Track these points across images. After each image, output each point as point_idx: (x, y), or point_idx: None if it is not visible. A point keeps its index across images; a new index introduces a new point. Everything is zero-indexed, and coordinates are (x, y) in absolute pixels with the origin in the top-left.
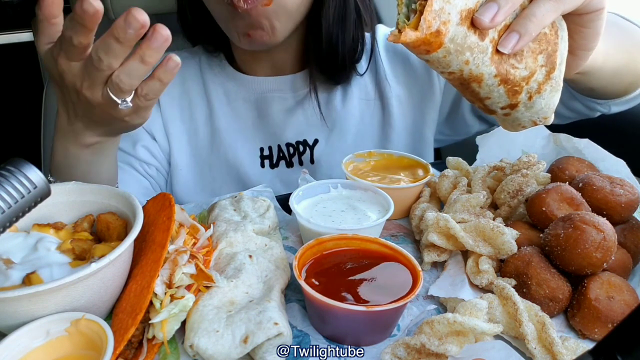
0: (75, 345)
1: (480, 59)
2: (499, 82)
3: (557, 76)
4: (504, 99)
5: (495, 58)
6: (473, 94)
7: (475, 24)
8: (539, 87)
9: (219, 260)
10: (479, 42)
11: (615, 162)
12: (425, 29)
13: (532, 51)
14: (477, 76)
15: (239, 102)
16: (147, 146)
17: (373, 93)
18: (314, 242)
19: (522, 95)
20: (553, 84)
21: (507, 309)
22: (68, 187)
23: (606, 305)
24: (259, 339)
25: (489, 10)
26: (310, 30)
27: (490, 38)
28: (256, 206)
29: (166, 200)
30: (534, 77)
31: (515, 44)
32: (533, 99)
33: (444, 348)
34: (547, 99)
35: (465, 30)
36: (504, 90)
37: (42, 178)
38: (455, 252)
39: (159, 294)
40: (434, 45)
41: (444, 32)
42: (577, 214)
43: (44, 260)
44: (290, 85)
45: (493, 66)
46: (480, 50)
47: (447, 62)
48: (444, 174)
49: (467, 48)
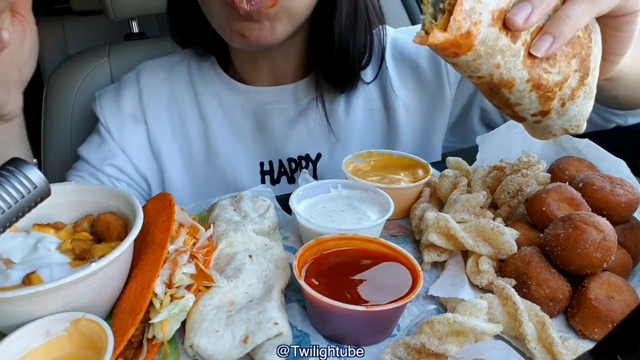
0: (75, 345)
1: (512, 62)
2: (531, 87)
3: (590, 82)
4: (536, 105)
5: (528, 62)
6: (502, 100)
7: (508, 25)
8: (572, 93)
9: (219, 260)
10: (511, 45)
11: (615, 162)
12: (454, 30)
13: (565, 55)
14: (508, 81)
15: (237, 113)
16: (115, 164)
17: (378, 102)
18: (314, 242)
19: (554, 102)
20: (587, 90)
21: (507, 309)
22: (68, 187)
23: (606, 305)
24: (259, 339)
25: (523, 10)
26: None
27: (523, 40)
28: (256, 206)
29: (166, 200)
30: (567, 83)
31: (549, 47)
32: (566, 106)
33: (444, 348)
34: (580, 106)
35: (497, 31)
36: (535, 97)
37: (42, 178)
38: (455, 252)
39: (159, 294)
40: (464, 47)
41: (474, 33)
42: (577, 214)
43: (44, 260)
44: (292, 95)
45: (525, 70)
46: (512, 54)
47: (477, 65)
48: (444, 174)
49: (498, 51)
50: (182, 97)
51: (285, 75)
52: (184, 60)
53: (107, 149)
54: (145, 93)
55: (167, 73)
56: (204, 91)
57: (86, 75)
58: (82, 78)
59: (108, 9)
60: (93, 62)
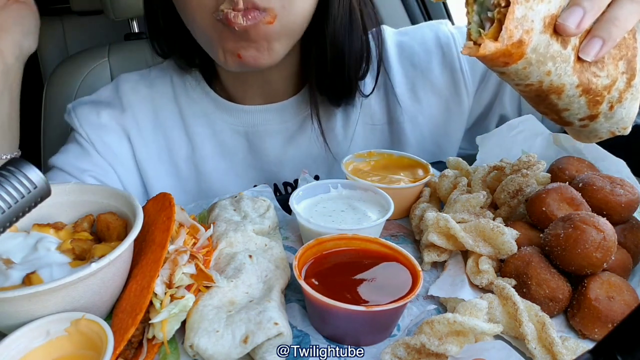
0: (75, 345)
1: (562, 68)
2: (581, 92)
3: (637, 83)
4: (584, 110)
5: (577, 67)
6: (549, 106)
7: (559, 31)
8: (620, 95)
9: (219, 260)
10: (562, 51)
11: (615, 162)
12: (506, 39)
13: (612, 57)
14: (558, 87)
15: (226, 134)
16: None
17: (380, 117)
18: (314, 242)
19: (603, 106)
20: (633, 91)
21: (507, 309)
22: (68, 187)
23: (606, 305)
24: (259, 339)
25: (574, 15)
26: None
27: (572, 45)
28: (256, 206)
29: (166, 200)
30: (616, 86)
31: (599, 50)
32: (614, 109)
33: (444, 348)
34: (628, 108)
35: (549, 38)
36: (584, 101)
37: (42, 178)
38: (455, 252)
39: (159, 294)
40: (515, 56)
41: (526, 41)
42: (577, 214)
43: (44, 260)
44: (285, 113)
45: (575, 76)
46: (563, 60)
47: (527, 73)
48: (444, 174)
49: (549, 58)
50: (166, 117)
51: (278, 90)
52: (165, 75)
53: (89, 161)
54: (127, 110)
55: (149, 89)
56: (190, 110)
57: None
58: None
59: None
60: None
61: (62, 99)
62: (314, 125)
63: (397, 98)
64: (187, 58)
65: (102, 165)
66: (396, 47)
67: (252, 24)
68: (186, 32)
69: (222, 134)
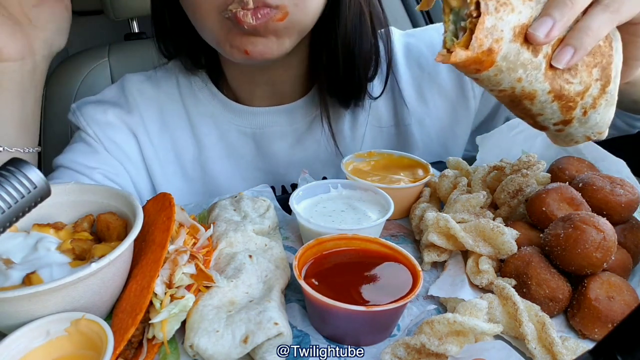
0: (75, 345)
1: (533, 75)
2: (553, 98)
3: (612, 89)
4: (558, 115)
5: (549, 74)
6: (524, 111)
7: (529, 40)
8: (593, 101)
9: (219, 260)
10: (533, 59)
11: (615, 162)
12: (476, 47)
13: (586, 65)
14: (530, 93)
15: (233, 135)
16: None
17: (388, 119)
18: (314, 242)
19: (576, 111)
20: (608, 97)
21: (507, 309)
22: (68, 187)
23: (606, 305)
24: (259, 339)
25: (544, 25)
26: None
27: (544, 53)
28: (256, 206)
29: (166, 200)
30: (589, 92)
31: (570, 58)
32: (588, 114)
33: (444, 348)
34: (602, 114)
35: (519, 46)
36: (557, 107)
37: (42, 178)
38: (455, 252)
39: (159, 294)
40: (486, 64)
41: (496, 50)
42: (577, 214)
43: (44, 260)
44: (293, 115)
45: (547, 82)
46: (534, 67)
47: (498, 80)
48: (444, 174)
49: (520, 65)
50: (173, 118)
51: (285, 91)
52: (171, 76)
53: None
54: (134, 110)
55: (155, 90)
56: (197, 111)
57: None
58: (82, 78)
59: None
60: (93, 62)
61: (62, 99)
62: (323, 127)
63: (405, 100)
64: (194, 58)
65: (112, 163)
66: (403, 49)
67: (262, 22)
68: (193, 32)
69: (229, 136)
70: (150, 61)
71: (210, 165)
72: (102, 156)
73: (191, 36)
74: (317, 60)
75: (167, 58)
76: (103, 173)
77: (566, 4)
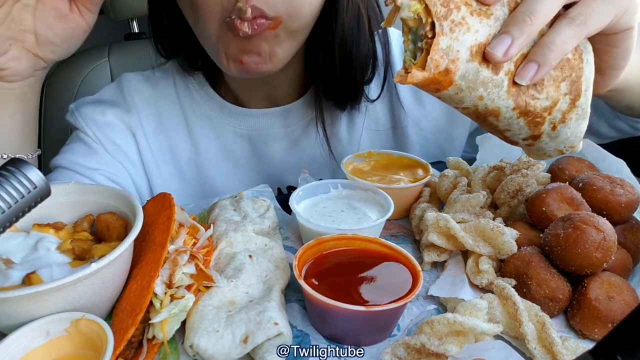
0: (75, 345)
1: (495, 93)
2: (518, 114)
3: (583, 103)
4: (525, 130)
5: (513, 90)
6: (491, 127)
7: (488, 59)
8: (563, 116)
9: (219, 260)
10: (493, 77)
11: (615, 162)
12: (432, 68)
13: (553, 79)
14: (494, 110)
15: (230, 137)
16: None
17: (385, 121)
18: (314, 242)
19: (544, 126)
20: (579, 112)
21: (507, 309)
22: (68, 187)
23: (606, 305)
24: (259, 339)
25: (502, 44)
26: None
27: (506, 70)
28: (256, 206)
29: (166, 200)
30: (557, 107)
31: (534, 75)
32: (557, 129)
33: (444, 348)
34: (573, 128)
35: (477, 65)
36: (524, 123)
37: (42, 178)
38: (455, 252)
39: (159, 294)
40: (444, 83)
41: (453, 70)
42: (577, 214)
43: (44, 260)
44: (289, 117)
45: (510, 99)
46: (495, 85)
47: (460, 98)
48: (444, 174)
49: (479, 84)
50: (169, 119)
51: (282, 93)
52: (169, 76)
53: (98, 160)
54: (132, 110)
55: (152, 90)
56: (194, 112)
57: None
58: (82, 78)
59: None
60: (93, 62)
61: (62, 99)
62: (318, 129)
63: (402, 102)
64: (191, 60)
65: (113, 164)
66: (400, 50)
67: (256, 32)
68: (190, 33)
69: (225, 137)
70: (150, 61)
71: (207, 166)
72: (102, 157)
73: (188, 37)
74: (314, 61)
75: (165, 58)
76: (104, 174)
77: (525, 21)
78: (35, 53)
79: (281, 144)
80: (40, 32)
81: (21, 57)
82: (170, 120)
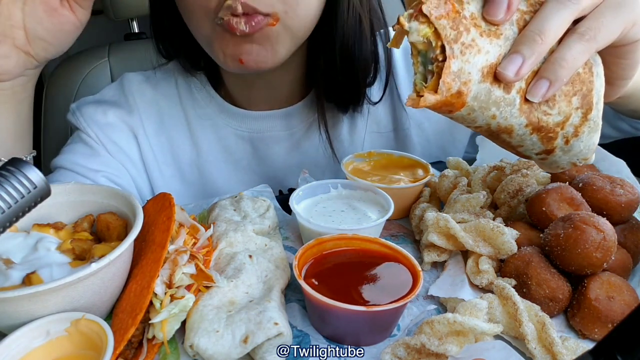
0: (75, 345)
1: (507, 111)
2: (531, 131)
3: (594, 116)
4: (538, 145)
5: (525, 107)
6: (504, 143)
7: (499, 79)
8: (575, 130)
9: (219, 260)
10: (505, 96)
11: (615, 162)
12: (445, 91)
13: (565, 94)
14: (507, 128)
15: (231, 139)
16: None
17: (386, 123)
18: (314, 242)
19: (557, 141)
20: (591, 124)
21: (507, 309)
22: (68, 187)
23: (606, 305)
24: (259, 339)
25: (513, 64)
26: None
27: (517, 88)
28: (256, 206)
29: (166, 200)
30: (570, 121)
31: (546, 91)
32: (570, 143)
33: (444, 348)
34: (586, 141)
35: (489, 86)
36: (537, 138)
37: (42, 178)
38: (455, 252)
39: (159, 294)
40: (457, 105)
41: (465, 92)
42: (577, 214)
43: (44, 260)
44: (291, 119)
45: (523, 117)
46: (507, 103)
47: (472, 118)
48: (444, 174)
49: (492, 104)
50: (171, 119)
51: (283, 95)
52: (170, 77)
53: (100, 162)
54: (134, 110)
55: (154, 91)
56: (195, 114)
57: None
58: (82, 78)
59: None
60: (93, 62)
61: (62, 99)
62: (321, 132)
63: (403, 104)
64: (192, 60)
65: (115, 165)
66: (403, 51)
67: (254, 30)
68: (191, 34)
69: (226, 139)
70: (150, 61)
71: (208, 168)
72: (103, 158)
73: (189, 38)
74: (315, 64)
75: (167, 59)
76: (106, 176)
77: (535, 40)
78: (26, 51)
79: (282, 147)
80: (29, 27)
81: (11, 54)
82: (171, 121)
